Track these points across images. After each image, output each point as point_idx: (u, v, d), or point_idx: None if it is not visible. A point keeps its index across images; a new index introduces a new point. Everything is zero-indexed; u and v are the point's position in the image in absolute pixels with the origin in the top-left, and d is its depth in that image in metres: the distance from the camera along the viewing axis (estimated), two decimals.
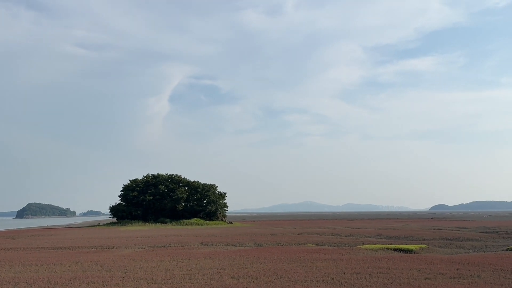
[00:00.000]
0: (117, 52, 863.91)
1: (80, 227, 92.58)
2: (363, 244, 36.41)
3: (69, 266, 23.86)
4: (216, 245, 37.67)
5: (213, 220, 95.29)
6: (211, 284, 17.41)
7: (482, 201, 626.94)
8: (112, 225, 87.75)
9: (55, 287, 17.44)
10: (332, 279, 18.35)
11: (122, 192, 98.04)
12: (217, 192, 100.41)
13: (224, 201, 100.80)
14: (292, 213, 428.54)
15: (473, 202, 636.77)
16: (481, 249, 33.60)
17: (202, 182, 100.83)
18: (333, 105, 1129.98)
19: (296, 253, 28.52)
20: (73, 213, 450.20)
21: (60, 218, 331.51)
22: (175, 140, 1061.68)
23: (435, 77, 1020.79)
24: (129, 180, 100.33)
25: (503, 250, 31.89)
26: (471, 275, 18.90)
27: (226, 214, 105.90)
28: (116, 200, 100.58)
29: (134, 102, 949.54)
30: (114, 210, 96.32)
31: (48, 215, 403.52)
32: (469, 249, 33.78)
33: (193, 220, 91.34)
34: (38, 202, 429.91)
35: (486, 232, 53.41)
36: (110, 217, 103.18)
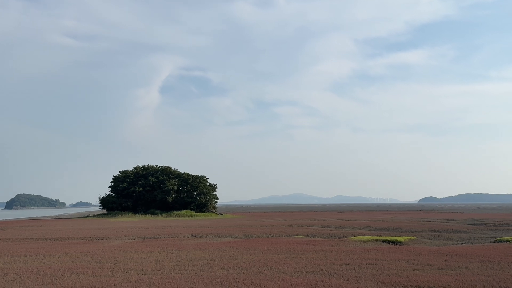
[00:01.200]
0: (107, 43, 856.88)
1: (69, 218, 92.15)
2: (353, 235, 36.65)
3: (58, 257, 23.76)
4: (206, 237, 37.70)
5: (203, 211, 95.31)
6: (201, 275, 17.43)
7: (471, 194, 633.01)
8: (102, 216, 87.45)
9: (44, 278, 17.36)
10: (322, 270, 18.45)
11: (112, 184, 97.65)
12: (208, 183, 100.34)
13: (214, 193, 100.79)
14: (283, 205, 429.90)
15: (461, 195, 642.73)
16: (469, 240, 33.96)
17: (193, 174, 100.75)
18: (323, 97, 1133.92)
19: (286, 244, 28.63)
20: (62, 204, 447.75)
21: (49, 209, 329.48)
22: (165, 132, 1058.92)
23: (425, 70, 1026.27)
24: (119, 171, 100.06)
25: (490, 242, 32.27)
26: (459, 266, 19.10)
27: (217, 205, 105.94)
28: (106, 191, 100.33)
29: (125, 93, 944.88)
30: (104, 201, 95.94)
31: (38, 206, 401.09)
32: (457, 240, 34.13)
33: (184, 211, 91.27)
34: (27, 193, 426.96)
35: (474, 224, 53.99)
36: (100, 209, 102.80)
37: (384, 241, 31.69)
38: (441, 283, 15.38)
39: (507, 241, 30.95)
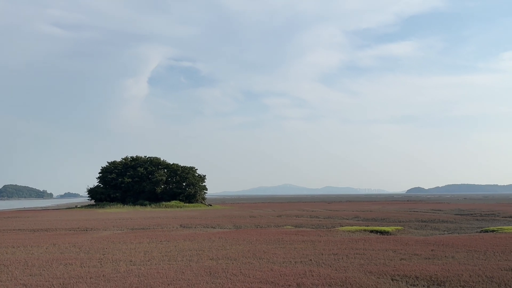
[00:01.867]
0: (95, 32, 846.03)
1: (57, 209, 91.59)
2: (341, 226, 36.91)
3: (46, 248, 23.62)
4: (195, 227, 37.71)
5: (192, 202, 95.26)
6: (190, 266, 17.45)
7: (457, 184, 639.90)
8: (90, 207, 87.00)
9: (32, 269, 17.26)
10: (310, 260, 18.57)
11: (100, 175, 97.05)
12: (197, 174, 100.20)
13: (203, 184, 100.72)
14: (272, 196, 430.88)
15: (448, 185, 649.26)
16: (456, 231, 34.37)
17: (182, 165, 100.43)
18: (312, 88, 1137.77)
19: (275, 235, 28.74)
20: (50, 195, 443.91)
21: (37, 200, 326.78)
22: (154, 122, 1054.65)
23: (413, 62, 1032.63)
24: (108, 162, 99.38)
25: (476, 232, 32.68)
26: (445, 256, 19.33)
27: (206, 196, 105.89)
28: (94, 182, 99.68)
29: (113, 84, 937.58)
30: (92, 192, 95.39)
31: (25, 197, 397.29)
32: (444, 230, 34.53)
33: (173, 202, 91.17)
34: (14, 184, 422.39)
35: (460, 215, 54.66)
36: (88, 200, 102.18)
37: (372, 231, 31.98)
38: (428, 272, 15.56)
39: (493, 231, 31.37)
